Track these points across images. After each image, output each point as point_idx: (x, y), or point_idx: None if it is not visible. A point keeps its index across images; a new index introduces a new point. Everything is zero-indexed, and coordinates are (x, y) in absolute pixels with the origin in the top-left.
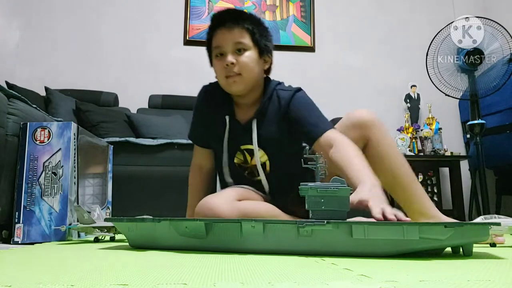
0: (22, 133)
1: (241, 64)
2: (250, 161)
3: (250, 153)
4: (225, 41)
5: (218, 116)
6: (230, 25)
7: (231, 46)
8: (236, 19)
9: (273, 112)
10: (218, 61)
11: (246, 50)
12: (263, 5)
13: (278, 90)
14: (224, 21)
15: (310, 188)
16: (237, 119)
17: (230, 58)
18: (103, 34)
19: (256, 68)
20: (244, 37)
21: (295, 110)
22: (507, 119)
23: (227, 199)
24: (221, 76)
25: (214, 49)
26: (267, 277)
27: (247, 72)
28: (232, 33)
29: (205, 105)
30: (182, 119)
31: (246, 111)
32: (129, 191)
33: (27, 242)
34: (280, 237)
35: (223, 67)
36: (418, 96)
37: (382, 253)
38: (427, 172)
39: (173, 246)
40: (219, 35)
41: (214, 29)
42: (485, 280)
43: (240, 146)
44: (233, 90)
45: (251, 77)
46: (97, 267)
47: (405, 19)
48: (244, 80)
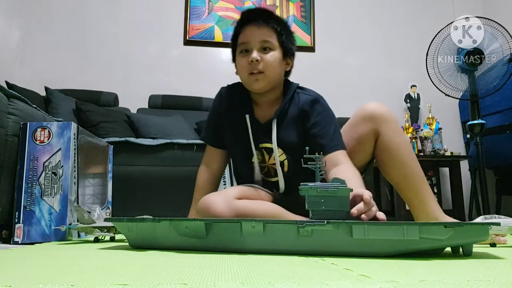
0: (22, 133)
1: (265, 62)
2: (267, 160)
3: (268, 151)
4: (252, 38)
5: (237, 116)
6: (259, 22)
7: (258, 44)
8: (266, 18)
9: (293, 114)
10: (242, 57)
11: (272, 49)
12: (263, 5)
13: (299, 93)
14: (254, 18)
15: (310, 188)
16: (256, 117)
17: (255, 54)
18: (103, 34)
19: (278, 69)
20: (271, 36)
21: (315, 117)
22: (507, 119)
23: (225, 197)
24: (244, 72)
25: (240, 45)
26: (267, 277)
27: (270, 71)
28: (260, 31)
29: (223, 105)
30: (182, 119)
31: (266, 110)
32: (129, 191)
33: (27, 242)
34: (280, 237)
35: (248, 63)
36: (418, 96)
37: (382, 253)
38: (427, 172)
39: (173, 246)
40: (247, 31)
41: (243, 25)
42: (485, 280)
43: (259, 144)
44: (254, 87)
45: (273, 76)
46: (97, 267)
47: (405, 19)
48: (266, 78)
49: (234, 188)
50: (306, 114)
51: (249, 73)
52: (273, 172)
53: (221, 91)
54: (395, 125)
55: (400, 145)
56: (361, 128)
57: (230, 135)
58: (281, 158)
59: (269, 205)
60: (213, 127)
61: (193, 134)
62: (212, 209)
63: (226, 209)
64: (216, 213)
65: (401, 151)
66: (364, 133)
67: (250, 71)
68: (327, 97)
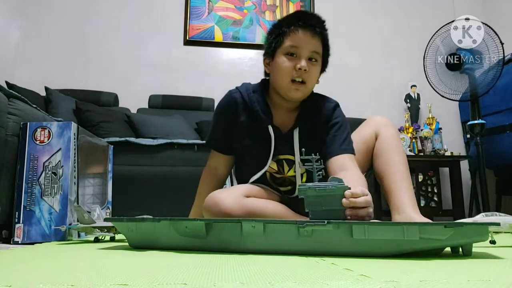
0: (22, 133)
1: (310, 73)
2: (285, 172)
3: (288, 163)
4: (305, 45)
5: (255, 125)
6: (316, 31)
7: (308, 53)
8: (322, 28)
9: (316, 120)
10: (289, 60)
11: (317, 62)
12: (263, 5)
13: (318, 101)
14: (311, 24)
15: (308, 188)
16: (277, 126)
17: (302, 64)
18: (103, 34)
19: (315, 82)
20: (320, 48)
21: (335, 119)
22: (507, 119)
23: (233, 195)
24: (286, 76)
25: (288, 46)
26: (267, 277)
27: (310, 83)
28: (314, 40)
29: (233, 112)
30: (182, 119)
31: (285, 118)
32: (129, 191)
33: (27, 242)
34: (280, 237)
35: (293, 69)
36: (418, 96)
37: (382, 253)
38: (427, 172)
39: (173, 246)
40: (300, 35)
41: (297, 26)
42: (485, 280)
43: (279, 155)
44: (293, 96)
45: (311, 88)
46: (97, 267)
47: (405, 19)
48: (306, 89)
49: (241, 187)
50: (329, 118)
51: (292, 79)
52: (288, 182)
53: (235, 96)
54: (392, 129)
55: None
56: (365, 131)
57: (245, 144)
58: (301, 171)
59: (277, 205)
60: (223, 132)
61: (193, 134)
62: (221, 206)
63: (235, 206)
64: (225, 209)
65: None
66: (367, 133)
67: (293, 77)
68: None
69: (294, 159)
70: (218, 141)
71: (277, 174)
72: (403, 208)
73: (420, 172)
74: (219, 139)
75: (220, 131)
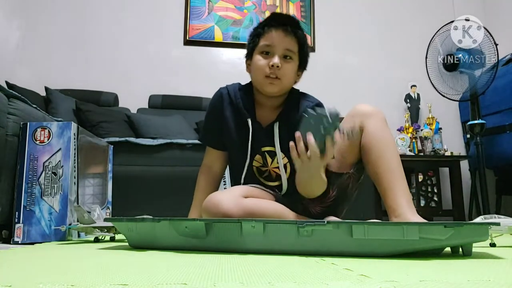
0: (22, 133)
1: (284, 70)
2: (269, 164)
3: (270, 155)
4: (278, 43)
5: (239, 119)
6: (288, 29)
7: (282, 50)
8: (295, 27)
9: (296, 118)
10: (263, 57)
11: (292, 59)
12: (263, 5)
13: (301, 99)
14: (284, 23)
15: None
16: (258, 121)
17: (277, 60)
18: (103, 34)
19: (293, 79)
20: (294, 46)
21: None
22: (507, 119)
23: (232, 196)
24: (260, 73)
25: (262, 45)
26: (267, 277)
27: (286, 79)
28: (287, 38)
29: (221, 108)
30: (182, 119)
31: (268, 114)
32: (129, 191)
33: (27, 242)
34: (280, 237)
35: (267, 66)
36: (418, 96)
37: (382, 253)
38: (427, 172)
39: (173, 246)
40: (274, 34)
41: (270, 26)
42: (485, 280)
43: (261, 148)
44: (268, 90)
45: (287, 84)
46: (97, 267)
47: (405, 19)
48: (281, 84)
49: (239, 187)
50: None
51: (266, 76)
52: (274, 176)
53: (222, 92)
54: (379, 121)
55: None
56: (348, 124)
57: (230, 138)
58: (284, 161)
59: (276, 205)
60: (213, 128)
61: (193, 134)
62: (220, 207)
63: (234, 207)
64: (224, 210)
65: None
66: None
67: (267, 74)
68: (327, 97)
69: (275, 150)
70: (210, 136)
71: (262, 168)
72: (399, 211)
73: (420, 172)
74: (210, 134)
75: (211, 126)
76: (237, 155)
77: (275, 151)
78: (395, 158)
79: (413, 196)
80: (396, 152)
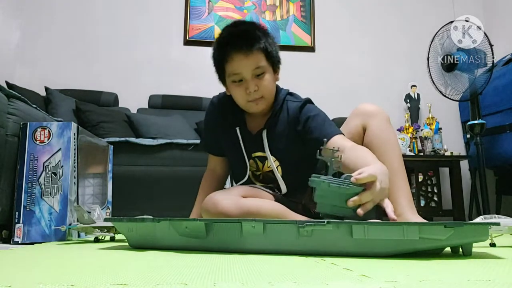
0: (22, 133)
1: (262, 88)
2: (262, 168)
3: (261, 160)
4: (244, 68)
5: (229, 127)
6: (246, 50)
7: (250, 72)
8: (251, 42)
9: (283, 122)
10: (237, 87)
11: (265, 72)
12: (263, 5)
13: (288, 101)
14: (239, 46)
15: (322, 182)
16: (248, 129)
17: (252, 86)
18: (103, 34)
19: (273, 87)
20: (261, 60)
21: (304, 119)
22: (507, 119)
23: (231, 195)
24: (241, 100)
25: (232, 74)
26: (267, 277)
27: (268, 94)
28: (250, 59)
29: (215, 117)
30: (182, 119)
31: (258, 121)
32: (129, 191)
33: (27, 242)
34: (280, 237)
35: (245, 93)
36: (418, 96)
37: (382, 253)
38: (427, 172)
39: (173, 246)
40: (235, 62)
41: (230, 51)
42: (485, 280)
43: (252, 154)
44: (255, 111)
45: (271, 96)
46: (97, 267)
47: (405, 19)
48: (265, 101)
49: (238, 188)
50: (296, 119)
51: (248, 101)
52: (268, 178)
53: (213, 101)
54: (382, 121)
55: (383, 140)
56: (351, 123)
57: (225, 145)
58: (275, 164)
59: (275, 204)
60: (211, 136)
61: (193, 134)
62: (219, 207)
63: (233, 206)
64: (223, 210)
65: (382, 146)
66: (354, 127)
67: (248, 99)
68: (327, 97)
69: (265, 155)
70: (209, 144)
71: (256, 172)
72: (400, 210)
73: (420, 172)
74: (209, 142)
75: (208, 134)
76: (233, 161)
77: (265, 156)
78: (397, 158)
79: (413, 196)
80: (398, 152)
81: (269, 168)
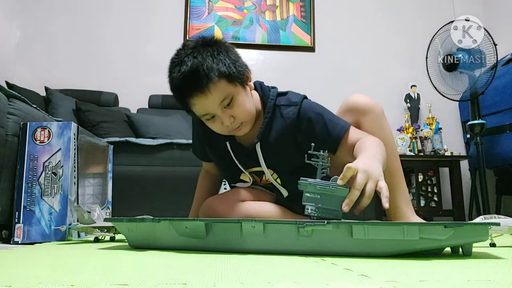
0: (22, 133)
1: (238, 116)
2: (260, 181)
3: (258, 174)
4: (210, 107)
5: (218, 141)
6: (203, 91)
7: (219, 107)
8: (204, 82)
9: (278, 131)
10: (213, 123)
11: (234, 97)
12: (263, 5)
13: (280, 107)
14: (194, 90)
15: (309, 184)
16: (238, 141)
17: (226, 119)
18: (103, 34)
19: (250, 103)
20: (224, 88)
21: (307, 121)
22: (507, 119)
23: (228, 200)
24: (223, 131)
25: (202, 116)
26: (267, 277)
27: (246, 115)
28: (211, 97)
29: (203, 129)
30: (182, 119)
31: (248, 132)
32: (129, 191)
33: (27, 242)
34: (280, 237)
35: (223, 126)
36: (418, 96)
37: (382, 253)
38: (427, 172)
39: (173, 246)
40: (198, 105)
41: (187, 99)
42: (485, 280)
43: (246, 169)
44: (239, 135)
45: (251, 115)
46: (97, 267)
47: (405, 19)
48: (246, 124)
49: (236, 191)
50: (293, 127)
51: (229, 131)
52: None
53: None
54: (376, 118)
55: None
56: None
57: (215, 159)
58: (274, 177)
59: (273, 207)
60: (199, 144)
61: None
62: (216, 213)
63: (231, 212)
64: (222, 216)
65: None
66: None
67: (229, 130)
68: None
69: (262, 170)
70: (197, 150)
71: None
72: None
73: (420, 172)
74: (197, 148)
75: (196, 141)
76: (228, 176)
77: (262, 171)
78: (393, 158)
79: (413, 196)
80: (394, 151)
81: (268, 182)
